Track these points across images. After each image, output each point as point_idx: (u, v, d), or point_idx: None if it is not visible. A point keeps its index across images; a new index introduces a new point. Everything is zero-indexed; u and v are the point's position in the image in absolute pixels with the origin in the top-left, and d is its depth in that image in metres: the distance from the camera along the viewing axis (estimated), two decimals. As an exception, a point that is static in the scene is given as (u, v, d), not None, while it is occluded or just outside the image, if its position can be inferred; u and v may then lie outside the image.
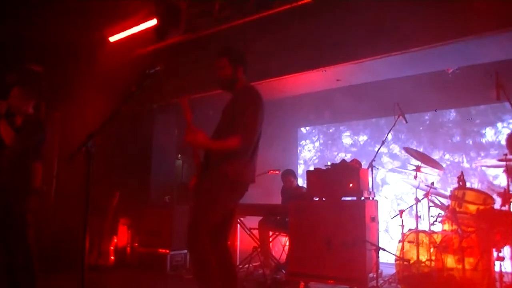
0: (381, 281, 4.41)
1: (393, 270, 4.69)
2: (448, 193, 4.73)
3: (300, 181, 7.14)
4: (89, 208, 2.57)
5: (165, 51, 6.49)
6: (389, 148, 7.48)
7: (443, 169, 5.19)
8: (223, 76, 3.31)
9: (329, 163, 4.99)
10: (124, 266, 6.42)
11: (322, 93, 7.01)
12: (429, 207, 4.66)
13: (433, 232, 4.52)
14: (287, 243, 5.11)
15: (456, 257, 4.17)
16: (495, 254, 3.98)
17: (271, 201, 6.30)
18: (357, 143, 8.10)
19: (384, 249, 4.37)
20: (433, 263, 4.32)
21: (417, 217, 4.65)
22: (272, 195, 6.56)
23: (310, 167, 7.52)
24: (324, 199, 4.77)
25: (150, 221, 6.48)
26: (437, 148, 7.04)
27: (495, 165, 4.53)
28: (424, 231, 4.55)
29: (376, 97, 6.62)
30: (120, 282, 5.52)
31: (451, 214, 4.40)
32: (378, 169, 7.11)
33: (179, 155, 7.61)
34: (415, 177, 4.89)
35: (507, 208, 4.04)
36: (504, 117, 6.52)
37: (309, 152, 8.74)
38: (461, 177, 4.53)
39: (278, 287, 4.96)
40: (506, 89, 3.90)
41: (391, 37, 4.89)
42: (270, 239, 5.75)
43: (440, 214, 4.64)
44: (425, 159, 4.93)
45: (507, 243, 4.03)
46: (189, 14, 6.08)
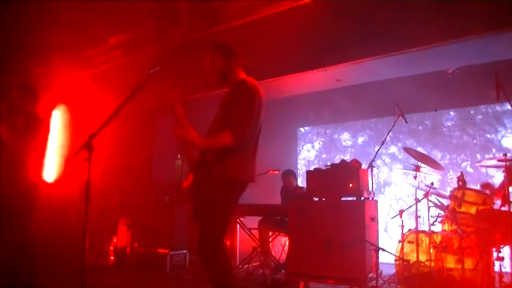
0: (381, 281, 4.42)
1: (393, 270, 4.69)
2: (448, 193, 4.74)
3: (300, 181, 7.14)
4: (89, 208, 2.58)
5: (165, 51, 6.49)
6: (388, 148, 7.48)
7: (443, 169, 5.19)
8: (216, 71, 3.17)
9: (329, 163, 5.00)
10: (124, 266, 6.42)
11: (322, 93, 7.00)
12: (429, 207, 4.67)
13: (433, 232, 4.52)
14: (287, 243, 5.11)
15: (456, 257, 4.17)
16: (495, 254, 3.99)
17: (271, 201, 6.30)
18: (357, 143, 8.10)
19: (384, 249, 4.38)
20: (433, 263, 4.32)
21: (417, 217, 4.65)
22: (272, 195, 6.56)
23: (310, 167, 7.51)
24: (324, 199, 4.77)
25: (150, 221, 6.47)
26: (437, 148, 7.04)
27: (495, 165, 4.53)
28: (424, 231, 4.55)
29: (376, 97, 6.62)
30: (120, 282, 5.51)
31: (451, 214, 4.41)
32: (380, 167, 7.12)
33: (179, 155, 7.60)
34: (415, 177, 4.89)
35: (507, 208, 4.05)
36: (504, 117, 6.53)
37: (309, 152, 8.74)
38: (461, 178, 4.54)
39: (278, 287, 4.96)
40: (506, 89, 3.91)
41: (391, 37, 4.89)
42: (270, 239, 5.75)
43: (440, 214, 4.65)
44: (425, 159, 4.93)
45: (507, 243, 4.04)
46: (189, 14, 6.08)
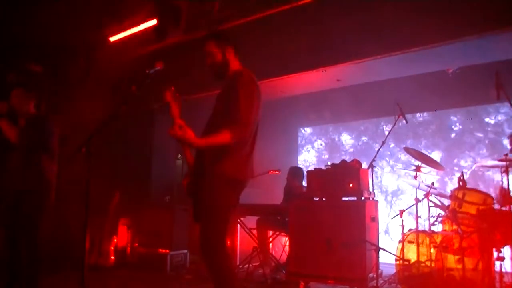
0: (381, 281, 4.41)
1: (393, 270, 4.69)
2: (448, 193, 4.74)
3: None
4: (89, 208, 2.58)
5: (165, 51, 6.49)
6: (389, 148, 7.48)
7: (444, 169, 5.19)
8: (214, 62, 3.07)
9: (329, 163, 4.99)
10: (124, 266, 6.41)
11: (323, 93, 7.01)
12: (429, 207, 4.67)
13: (433, 232, 4.52)
14: (287, 243, 5.10)
15: (456, 257, 4.17)
16: (495, 254, 3.98)
17: (271, 201, 6.28)
18: (357, 143, 8.09)
19: (384, 249, 4.38)
20: (433, 263, 4.32)
21: (417, 217, 4.65)
22: (272, 195, 6.55)
23: (310, 167, 7.51)
24: (324, 199, 4.77)
25: (150, 221, 6.47)
26: (437, 149, 7.04)
27: (495, 165, 4.53)
28: (424, 231, 4.55)
29: (377, 97, 6.62)
30: (120, 282, 5.51)
31: (451, 214, 4.41)
32: (383, 168, 7.11)
33: (179, 155, 7.60)
34: (415, 177, 4.89)
35: (507, 208, 4.04)
36: (505, 117, 6.52)
37: (309, 153, 8.73)
38: (461, 178, 4.53)
39: (278, 287, 4.96)
40: (507, 89, 3.90)
41: (391, 37, 4.90)
42: (270, 239, 5.74)
43: (440, 214, 4.64)
44: (425, 159, 4.93)
45: (507, 243, 4.03)
46: (189, 14, 6.07)
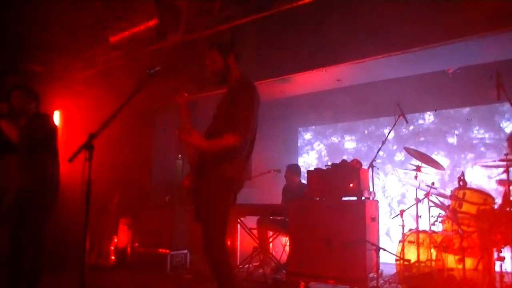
0: (382, 281, 4.41)
1: (394, 270, 4.69)
2: (448, 193, 4.74)
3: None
4: (90, 208, 2.58)
5: (165, 51, 6.49)
6: (389, 148, 7.47)
7: (444, 169, 5.18)
8: (216, 70, 3.20)
9: (330, 163, 4.99)
10: (125, 266, 6.42)
11: (323, 93, 7.00)
12: (430, 207, 4.66)
13: (434, 232, 4.52)
14: (288, 243, 5.10)
15: (457, 257, 4.17)
16: (496, 254, 3.98)
17: (271, 201, 6.28)
18: (358, 143, 8.09)
19: (385, 249, 4.38)
20: (434, 263, 4.32)
21: (418, 217, 4.64)
22: (272, 195, 6.54)
23: (311, 167, 7.50)
24: (325, 199, 4.77)
25: (151, 221, 6.47)
26: (437, 148, 7.03)
27: (496, 165, 4.53)
28: (425, 231, 4.55)
29: (377, 97, 6.61)
30: (120, 282, 5.51)
31: (452, 214, 4.41)
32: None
33: (179, 155, 7.60)
34: (416, 177, 4.88)
35: (508, 209, 4.04)
36: (505, 117, 6.52)
37: (308, 154, 8.73)
38: (462, 177, 4.53)
39: (279, 287, 4.96)
40: (507, 89, 3.90)
41: (391, 37, 4.89)
42: (271, 239, 5.74)
43: (441, 214, 4.64)
44: (425, 159, 4.92)
45: (508, 243, 4.02)
46: (189, 14, 6.07)
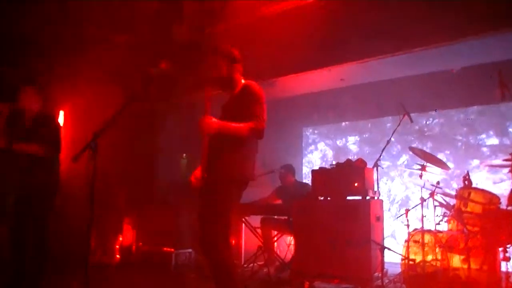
0: (386, 281, 4.40)
1: (399, 270, 4.67)
2: (454, 193, 4.71)
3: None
4: (95, 207, 2.59)
5: (172, 50, 6.48)
6: (394, 150, 7.45)
7: (449, 169, 5.16)
8: (219, 75, 3.21)
9: (334, 163, 4.99)
10: (129, 265, 6.44)
11: (326, 93, 7.00)
12: (435, 207, 4.64)
13: (439, 232, 4.50)
14: (292, 242, 5.10)
15: (462, 257, 4.15)
16: (501, 254, 3.96)
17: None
18: (362, 143, 8.07)
19: (389, 249, 4.37)
20: (439, 263, 4.30)
21: (423, 217, 4.63)
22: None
23: (315, 167, 7.50)
24: (329, 199, 4.77)
25: (155, 220, 6.49)
26: (443, 148, 7.00)
27: (501, 165, 4.50)
28: (430, 231, 4.53)
29: (381, 97, 6.60)
30: (125, 281, 5.52)
31: (457, 214, 4.39)
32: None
33: (184, 154, 7.61)
34: (420, 176, 4.86)
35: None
36: (509, 117, 6.48)
37: (312, 154, 8.71)
38: (467, 177, 4.51)
39: (283, 286, 4.96)
40: (511, 89, 3.88)
41: (395, 37, 4.89)
42: (275, 238, 5.74)
43: (446, 214, 4.62)
44: (431, 159, 4.91)
45: (513, 243, 4.01)
46: (193, 13, 6.09)
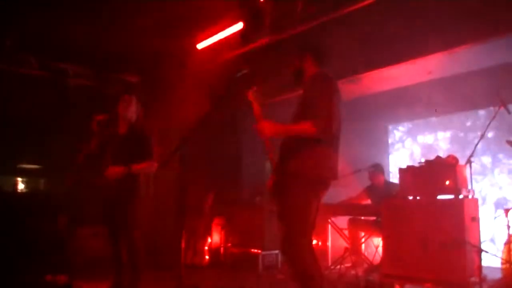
0: (485, 287, 4.11)
1: (499, 275, 4.36)
2: None
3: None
4: (185, 209, 2.70)
5: (252, 54, 6.59)
6: (489, 143, 6.95)
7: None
8: (292, 70, 3.16)
9: (423, 160, 4.78)
10: (218, 265, 6.61)
11: (413, 87, 6.72)
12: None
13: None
14: (380, 244, 4.96)
15: None
16: None
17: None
18: (453, 138, 7.64)
19: (487, 251, 4.09)
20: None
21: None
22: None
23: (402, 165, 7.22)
24: (419, 198, 4.58)
25: (243, 222, 6.62)
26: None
27: None
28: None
29: (473, 88, 6.18)
30: (214, 281, 5.69)
31: None
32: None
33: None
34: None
35: None
36: None
37: (399, 151, 8.40)
38: None
39: (372, 289, 4.84)
40: None
41: (490, 21, 4.58)
42: (363, 240, 5.61)
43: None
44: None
45: None
46: (273, 15, 6.13)
